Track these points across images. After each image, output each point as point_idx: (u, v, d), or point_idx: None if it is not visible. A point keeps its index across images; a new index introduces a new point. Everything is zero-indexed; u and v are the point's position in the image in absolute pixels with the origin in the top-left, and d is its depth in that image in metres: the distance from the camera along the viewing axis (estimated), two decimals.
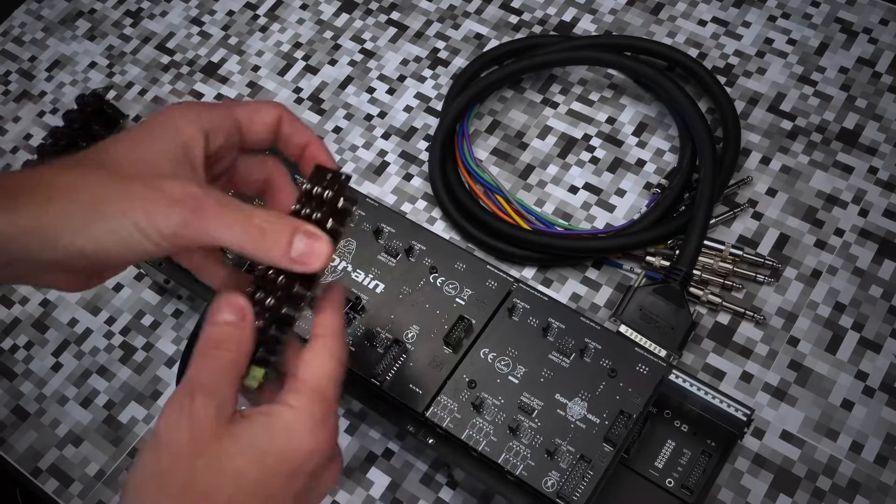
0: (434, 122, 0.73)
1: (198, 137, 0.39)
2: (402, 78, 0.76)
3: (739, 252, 0.63)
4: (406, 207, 0.69)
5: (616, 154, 0.70)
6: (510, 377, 0.53)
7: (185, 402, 0.36)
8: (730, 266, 0.62)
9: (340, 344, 0.40)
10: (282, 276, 0.39)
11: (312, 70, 0.78)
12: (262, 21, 0.81)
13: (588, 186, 0.69)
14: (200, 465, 0.35)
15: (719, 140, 0.68)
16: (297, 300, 0.39)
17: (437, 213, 0.69)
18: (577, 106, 0.72)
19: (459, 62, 0.76)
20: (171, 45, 0.81)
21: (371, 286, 0.57)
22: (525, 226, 0.66)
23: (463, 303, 0.55)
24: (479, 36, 0.77)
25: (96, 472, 0.62)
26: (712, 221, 0.64)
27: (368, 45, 0.78)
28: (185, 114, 0.40)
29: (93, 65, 0.81)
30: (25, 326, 0.68)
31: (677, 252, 0.62)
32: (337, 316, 0.41)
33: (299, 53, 0.79)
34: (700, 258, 0.62)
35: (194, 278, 0.61)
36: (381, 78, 0.76)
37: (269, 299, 0.39)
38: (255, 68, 0.78)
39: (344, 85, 0.76)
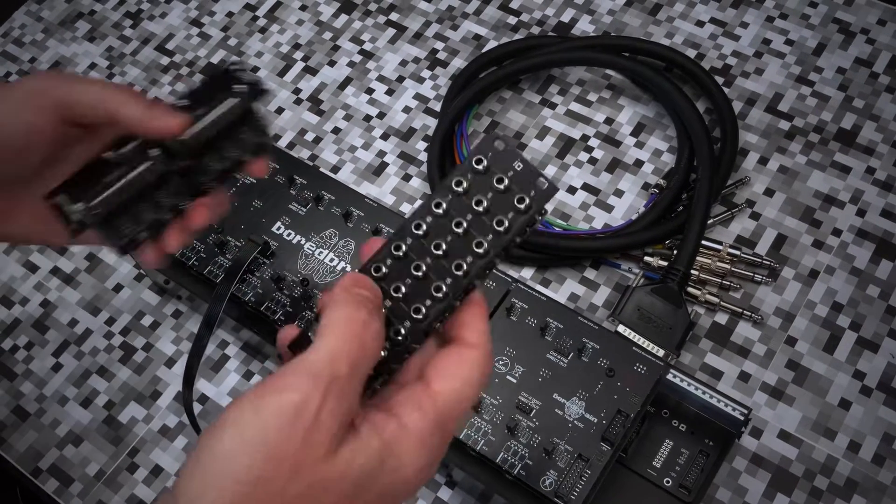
0: (433, 122, 0.73)
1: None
2: (400, 79, 0.76)
3: (737, 252, 0.63)
4: (405, 208, 0.70)
5: (614, 154, 0.70)
6: (508, 377, 0.53)
7: (313, 404, 0.29)
8: (727, 266, 0.63)
9: (489, 362, 0.34)
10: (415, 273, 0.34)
11: (311, 71, 0.78)
12: (261, 22, 0.81)
13: (586, 187, 0.69)
14: (298, 488, 0.29)
15: (717, 140, 0.68)
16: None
17: None
18: (575, 106, 0.73)
19: (458, 63, 0.76)
20: (170, 46, 0.81)
21: None
22: None
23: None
24: (477, 37, 0.77)
25: (96, 472, 0.62)
26: (710, 221, 0.65)
27: (367, 46, 0.78)
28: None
29: (93, 66, 0.81)
30: (26, 327, 0.68)
31: (675, 252, 0.62)
32: (487, 326, 0.35)
33: (298, 54, 0.79)
34: (698, 258, 0.63)
35: (194, 279, 0.61)
36: (380, 79, 0.76)
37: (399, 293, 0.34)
38: (255, 69, 0.79)
39: (343, 86, 0.77)
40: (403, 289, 0.34)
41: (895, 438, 0.57)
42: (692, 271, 0.62)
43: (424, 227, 0.34)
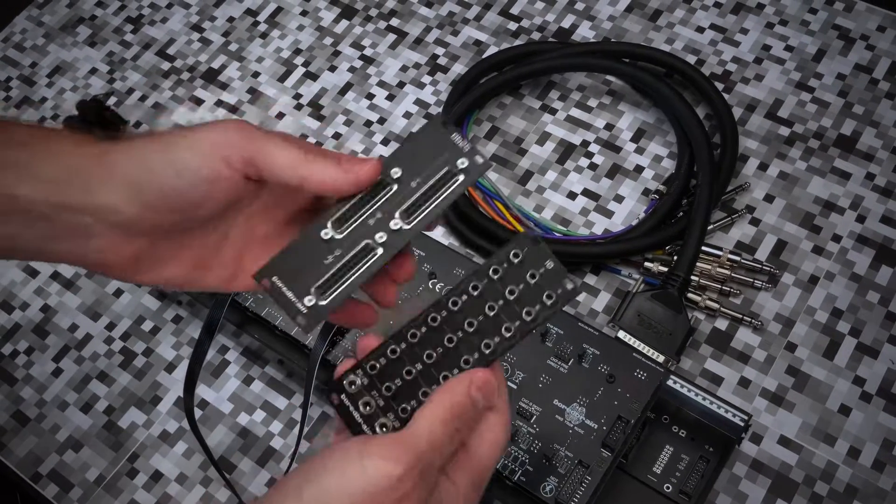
0: None
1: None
2: (401, 84, 0.76)
3: (737, 258, 0.63)
4: None
5: (614, 160, 0.70)
6: (509, 383, 0.53)
7: (408, 483, 0.34)
8: (728, 272, 0.63)
9: (510, 424, 0.39)
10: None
11: (312, 76, 0.78)
12: (262, 27, 0.82)
13: (586, 192, 0.69)
14: None
15: (717, 146, 0.68)
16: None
17: None
18: (575, 112, 0.73)
19: (458, 68, 0.76)
20: (171, 51, 0.82)
21: None
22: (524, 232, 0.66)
23: None
24: (478, 42, 0.77)
25: (96, 478, 0.62)
26: (710, 227, 0.65)
27: (368, 52, 0.79)
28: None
29: (93, 71, 0.81)
30: (26, 332, 0.68)
31: (675, 258, 0.62)
32: (507, 394, 0.39)
33: (299, 60, 0.79)
34: (698, 264, 0.63)
35: None
36: (381, 84, 0.77)
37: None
38: (256, 74, 0.79)
39: (343, 91, 0.77)
40: (435, 356, 0.38)
41: (895, 444, 0.57)
42: (692, 277, 0.62)
43: (460, 303, 0.38)
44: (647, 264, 0.64)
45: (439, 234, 0.68)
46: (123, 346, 0.67)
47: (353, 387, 0.38)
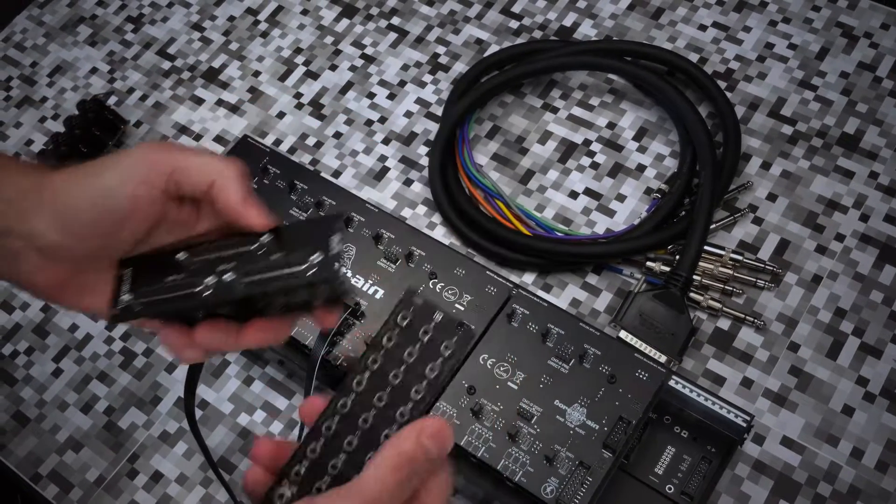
0: (434, 127, 0.73)
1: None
2: (402, 83, 0.76)
3: (740, 257, 0.63)
4: (406, 213, 0.69)
5: (616, 159, 0.70)
6: (509, 383, 0.53)
7: None
8: (730, 271, 0.62)
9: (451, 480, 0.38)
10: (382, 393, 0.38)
11: (313, 75, 0.78)
12: (262, 27, 0.81)
13: (588, 191, 0.69)
14: None
15: (720, 145, 0.67)
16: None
17: (437, 218, 0.69)
18: (577, 111, 0.72)
19: (460, 67, 0.76)
20: (172, 50, 0.81)
21: (371, 292, 0.57)
22: (525, 231, 0.66)
23: (462, 308, 0.55)
24: (479, 41, 0.77)
25: (96, 478, 0.62)
26: (713, 226, 0.64)
27: (369, 51, 0.78)
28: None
29: (94, 70, 0.81)
30: (26, 332, 0.68)
31: (677, 257, 0.61)
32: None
33: (300, 59, 0.79)
34: (700, 263, 0.62)
35: None
36: (382, 83, 0.76)
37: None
38: (256, 74, 0.79)
39: (344, 90, 0.76)
40: (354, 441, 0.37)
41: None
42: (695, 276, 0.62)
43: (365, 383, 0.38)
44: (648, 264, 0.63)
45: (440, 234, 0.68)
46: (123, 347, 0.67)
47: (282, 500, 0.37)
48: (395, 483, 0.34)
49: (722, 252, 0.63)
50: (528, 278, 0.65)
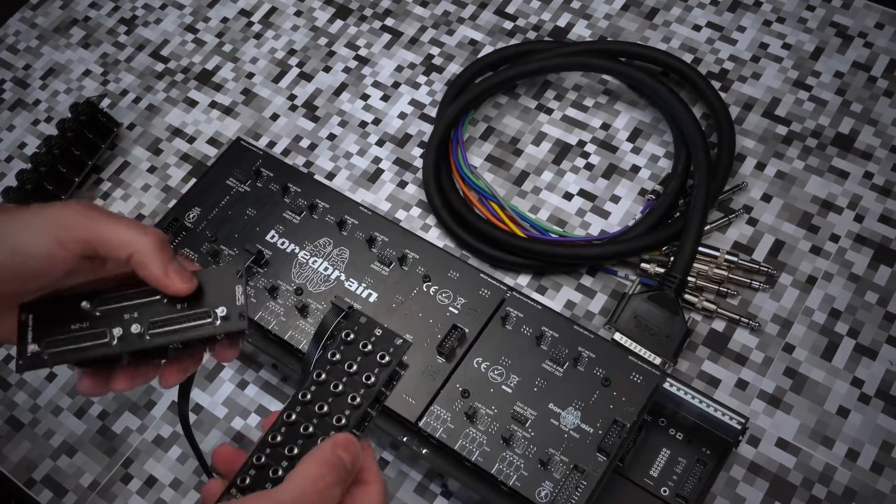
0: (428, 128, 0.73)
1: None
2: (396, 84, 0.76)
3: (734, 258, 0.63)
4: (401, 214, 0.69)
5: (610, 160, 0.70)
6: (503, 386, 0.52)
7: None
8: (725, 272, 0.62)
9: (386, 493, 0.41)
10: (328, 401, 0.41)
11: (307, 77, 0.77)
12: (256, 28, 0.81)
13: (583, 193, 0.68)
14: None
15: (714, 145, 0.67)
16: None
17: (431, 220, 0.69)
18: (571, 112, 0.72)
19: (454, 68, 0.76)
20: (165, 52, 0.81)
21: (364, 295, 0.56)
22: (519, 233, 0.65)
23: (456, 311, 0.55)
24: (473, 42, 0.77)
25: (90, 483, 0.62)
26: (707, 228, 0.64)
27: (363, 52, 0.78)
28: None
29: (87, 73, 0.81)
30: None
31: (672, 259, 0.61)
32: (377, 466, 0.41)
33: (294, 60, 0.79)
34: (695, 265, 0.62)
35: None
36: (376, 84, 0.76)
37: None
38: (250, 75, 0.78)
39: (338, 92, 0.76)
40: (296, 448, 0.39)
41: (894, 446, 0.57)
42: (689, 278, 0.62)
43: (309, 395, 0.41)
44: (643, 265, 0.63)
45: (434, 236, 0.68)
46: None
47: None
48: (315, 492, 0.36)
49: (716, 253, 0.63)
50: (523, 280, 0.65)
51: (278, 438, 0.40)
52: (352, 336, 0.42)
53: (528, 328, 0.54)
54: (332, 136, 0.74)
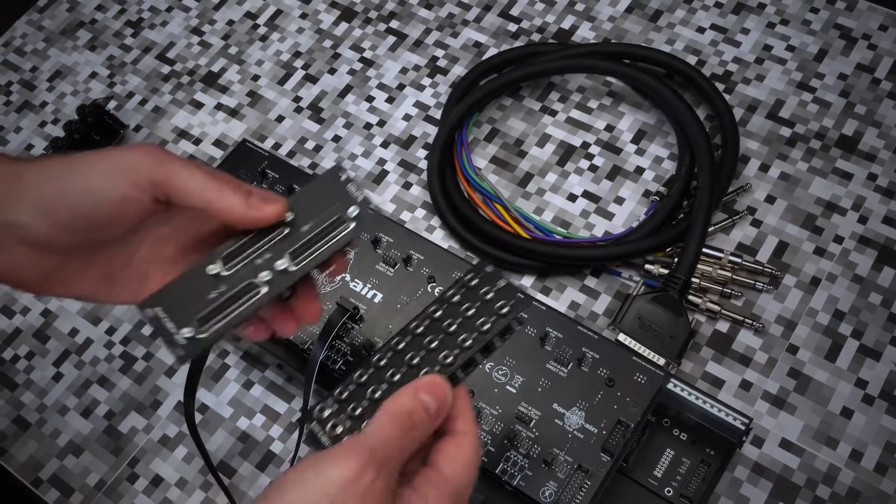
0: (433, 130, 0.73)
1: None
2: (401, 86, 0.76)
3: (738, 260, 0.63)
4: (405, 216, 0.69)
5: (615, 162, 0.70)
6: (507, 387, 0.53)
7: (368, 476, 0.35)
8: (729, 274, 0.62)
9: (480, 445, 0.40)
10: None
11: (312, 79, 0.78)
12: (261, 30, 0.81)
13: (587, 194, 0.69)
14: None
15: (718, 147, 0.67)
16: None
17: (435, 221, 0.69)
18: (575, 114, 0.72)
19: (458, 70, 0.76)
20: (171, 54, 0.81)
21: (369, 296, 0.57)
22: (524, 234, 0.66)
23: None
24: (477, 44, 0.77)
25: (97, 483, 0.62)
26: (711, 229, 0.64)
27: (368, 54, 0.78)
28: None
29: (94, 75, 0.81)
30: (26, 337, 0.68)
31: (676, 260, 0.61)
32: (473, 415, 0.40)
33: (299, 62, 0.79)
34: (699, 266, 0.62)
35: None
36: (381, 86, 0.76)
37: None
38: (255, 77, 0.79)
39: (343, 94, 0.77)
40: (398, 375, 0.40)
41: None
42: (693, 279, 0.62)
43: (422, 328, 0.41)
44: (647, 266, 0.63)
45: (439, 237, 0.68)
46: (124, 351, 0.67)
47: (323, 413, 0.40)
48: (396, 432, 0.36)
49: (720, 254, 0.63)
50: (527, 281, 0.66)
51: (383, 361, 0.40)
52: (476, 281, 0.42)
53: (533, 329, 0.54)
54: (336, 138, 0.74)
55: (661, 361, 0.58)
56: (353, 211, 0.41)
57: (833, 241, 0.64)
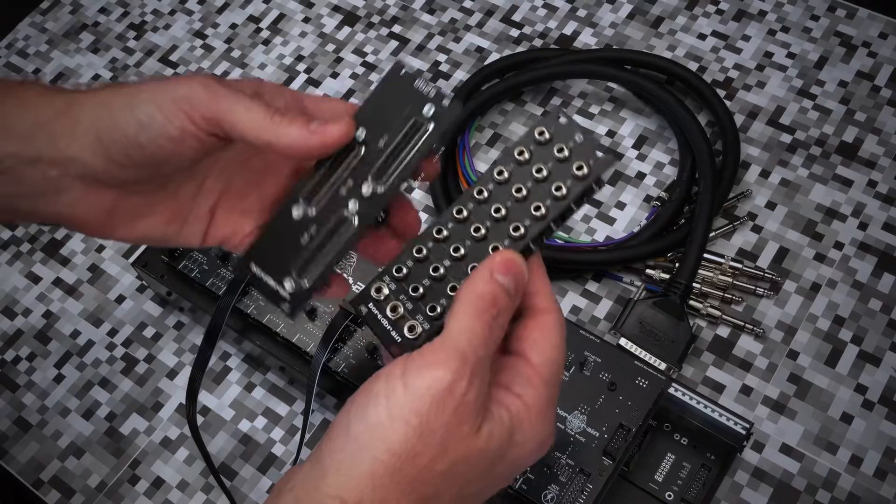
0: None
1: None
2: None
3: (739, 265, 0.63)
4: None
5: (616, 167, 0.70)
6: None
7: (461, 387, 0.31)
8: (729, 279, 0.63)
9: (563, 320, 0.36)
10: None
11: (314, 83, 0.78)
12: (264, 34, 0.82)
13: (588, 199, 0.69)
14: (444, 465, 0.32)
15: (719, 153, 0.68)
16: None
17: None
18: (577, 119, 0.73)
19: (460, 75, 0.76)
20: (174, 57, 0.82)
21: None
22: None
23: None
24: (480, 49, 0.78)
25: (98, 484, 0.62)
26: (712, 234, 0.65)
27: (370, 59, 0.79)
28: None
29: (96, 77, 0.82)
30: (28, 338, 0.69)
31: (677, 265, 0.62)
32: (551, 288, 0.36)
33: (301, 66, 0.79)
34: (700, 271, 0.63)
35: (197, 291, 0.61)
36: None
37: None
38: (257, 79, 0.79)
39: (346, 98, 0.77)
40: (463, 249, 0.36)
41: None
42: (694, 284, 0.62)
43: (486, 192, 0.36)
44: (648, 271, 0.64)
45: None
46: (125, 353, 0.67)
47: (380, 294, 0.36)
48: (482, 328, 0.33)
49: (721, 260, 0.63)
50: None
51: (444, 233, 0.36)
52: (547, 136, 0.36)
53: None
54: None
55: (663, 366, 0.58)
56: (428, 110, 0.37)
57: (833, 248, 0.65)
